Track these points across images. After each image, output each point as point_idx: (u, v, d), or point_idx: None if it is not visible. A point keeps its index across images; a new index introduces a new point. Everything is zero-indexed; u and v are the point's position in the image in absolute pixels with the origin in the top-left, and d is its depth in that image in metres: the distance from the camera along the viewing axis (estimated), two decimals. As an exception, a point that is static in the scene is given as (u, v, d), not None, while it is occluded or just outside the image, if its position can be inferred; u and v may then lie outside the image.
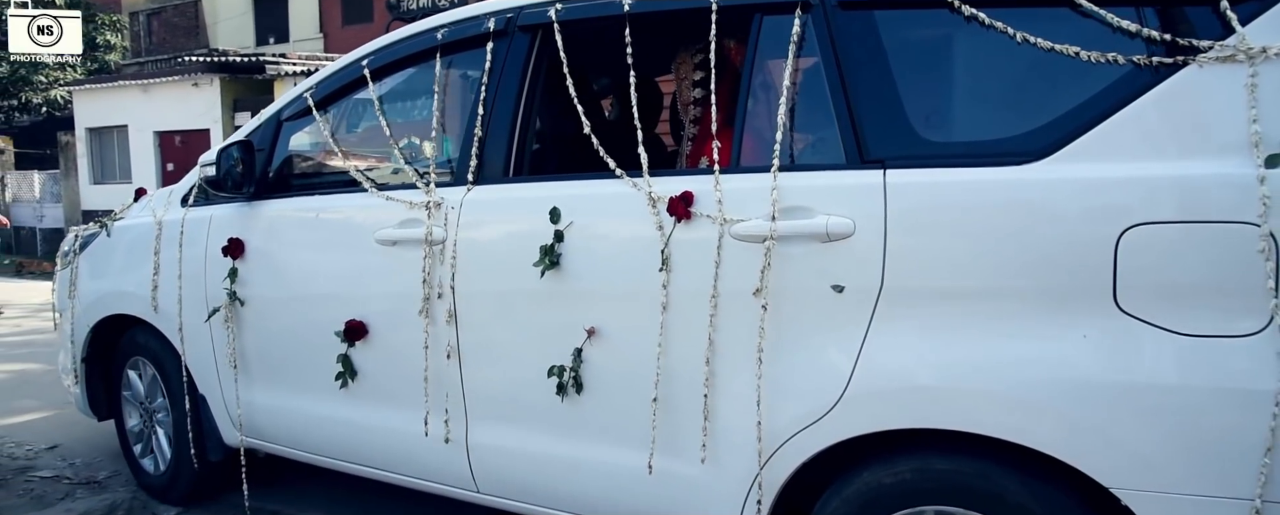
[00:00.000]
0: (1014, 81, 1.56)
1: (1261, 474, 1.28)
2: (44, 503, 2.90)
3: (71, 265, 3.05)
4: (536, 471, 2.02)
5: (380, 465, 2.33)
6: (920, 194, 1.54)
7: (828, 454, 1.64)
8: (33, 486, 3.06)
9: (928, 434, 1.54)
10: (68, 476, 3.16)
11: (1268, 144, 1.29)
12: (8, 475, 3.18)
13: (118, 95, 14.44)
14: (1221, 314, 1.32)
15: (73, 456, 3.38)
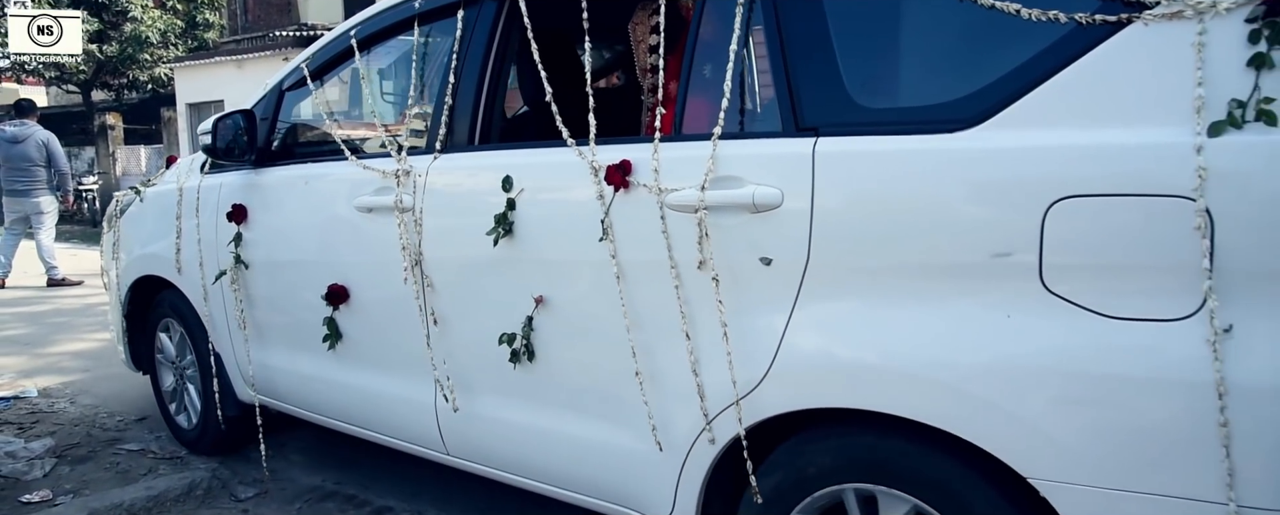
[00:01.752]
0: (953, 44, 1.47)
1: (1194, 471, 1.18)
2: (128, 478, 2.90)
3: (115, 228, 3.28)
4: (496, 437, 2.06)
5: (365, 426, 2.42)
6: (847, 164, 1.47)
7: (763, 429, 1.61)
8: (119, 460, 3.06)
9: (858, 412, 1.48)
10: (154, 451, 3.16)
11: (1213, 110, 1.18)
12: (98, 447, 3.20)
13: (215, 71, 15.26)
14: (1152, 296, 1.21)
15: (160, 430, 3.38)
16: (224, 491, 2.79)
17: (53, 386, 4.01)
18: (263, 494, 2.75)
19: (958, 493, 1.39)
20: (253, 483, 2.83)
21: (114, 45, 16.01)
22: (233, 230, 2.60)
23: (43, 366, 4.41)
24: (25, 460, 2.98)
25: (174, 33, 16.52)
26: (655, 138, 1.69)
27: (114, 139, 15.10)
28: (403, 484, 2.77)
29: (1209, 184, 1.16)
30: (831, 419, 1.55)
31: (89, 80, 16.95)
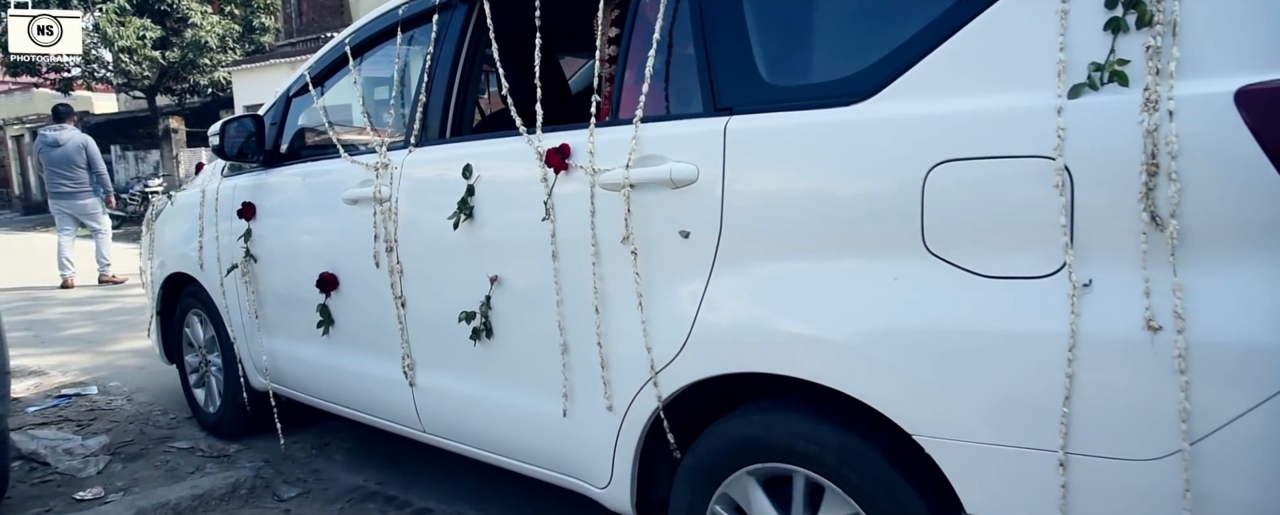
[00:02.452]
0: (852, 22, 1.54)
1: (1062, 424, 1.22)
2: (175, 476, 2.94)
3: (150, 231, 3.54)
4: (462, 413, 2.18)
5: (356, 407, 2.57)
6: (753, 139, 1.55)
7: (692, 399, 1.69)
8: (169, 459, 3.12)
9: (783, 382, 1.54)
10: (202, 448, 3.20)
11: (1076, 74, 1.22)
12: (150, 445, 3.26)
13: (270, 74, 15.79)
14: (1019, 254, 1.26)
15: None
16: (267, 491, 2.80)
17: (112, 384, 4.18)
18: (305, 494, 2.76)
19: (862, 459, 1.43)
20: (296, 482, 2.85)
21: (176, 51, 16.80)
22: (244, 227, 2.81)
23: (104, 364, 4.65)
24: (81, 457, 3.07)
25: (232, 37, 17.24)
26: (591, 122, 1.79)
27: (177, 142, 15.87)
28: (443, 485, 2.75)
29: (1067, 144, 1.20)
30: (758, 393, 1.61)
31: (153, 86, 17.79)
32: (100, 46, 16.69)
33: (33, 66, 15.80)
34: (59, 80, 16.85)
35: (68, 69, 16.74)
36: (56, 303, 6.93)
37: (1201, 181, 1.12)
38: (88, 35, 15.93)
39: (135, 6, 16.48)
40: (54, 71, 16.48)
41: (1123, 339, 1.16)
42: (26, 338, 5.35)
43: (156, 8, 16.73)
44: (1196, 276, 1.13)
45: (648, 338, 1.68)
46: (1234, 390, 1.10)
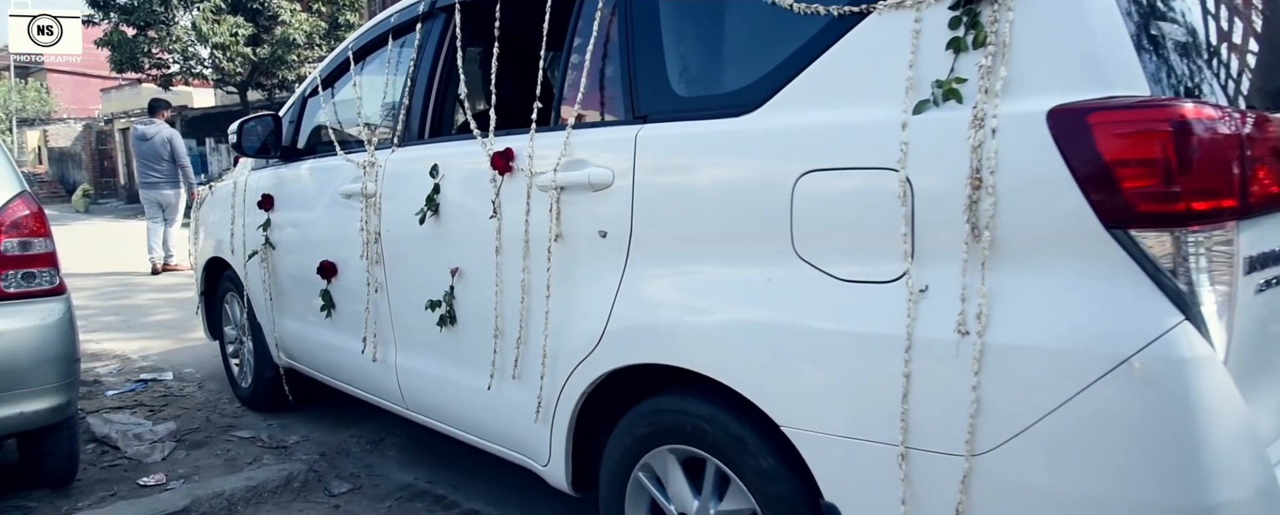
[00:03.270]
0: (750, 36, 1.63)
1: (899, 418, 1.30)
2: (234, 466, 2.97)
3: (196, 219, 3.87)
4: (434, 392, 2.37)
5: (354, 384, 2.80)
6: (657, 146, 1.67)
7: (613, 387, 1.82)
8: (230, 448, 3.16)
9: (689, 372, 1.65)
10: (262, 439, 3.23)
11: (923, 90, 1.30)
12: (214, 433, 3.32)
13: None
14: (869, 260, 1.34)
15: (273, 418, 3.47)
16: (319, 485, 2.81)
17: (186, 370, 4.25)
18: (356, 489, 2.77)
19: (746, 446, 1.54)
20: (348, 477, 2.86)
21: (266, 48, 17.59)
22: (264, 216, 3.07)
23: (182, 350, 4.71)
24: (149, 443, 3.15)
25: (318, 34, 17.92)
26: (531, 128, 1.94)
27: (268, 136, 16.74)
28: (493, 487, 2.71)
29: (909, 157, 1.28)
30: (668, 382, 1.73)
31: (245, 81, 18.69)
32: (197, 44, 17.72)
33: (136, 63, 16.88)
34: (160, 76, 17.95)
35: (168, 66, 17.80)
36: (146, 288, 7.22)
37: (1015, 195, 1.19)
38: (185, 33, 16.93)
39: (230, 5, 17.44)
40: (155, 68, 17.56)
41: (947, 341, 1.24)
42: (115, 322, 5.62)
43: (249, 6, 17.64)
44: (1007, 284, 1.20)
45: (570, 331, 1.81)
46: (1040, 390, 1.17)
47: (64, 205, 21.48)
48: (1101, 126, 1.13)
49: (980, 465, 1.23)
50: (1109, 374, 1.11)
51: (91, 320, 5.60)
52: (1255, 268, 1.18)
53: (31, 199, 2.57)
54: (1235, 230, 1.14)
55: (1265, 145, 1.18)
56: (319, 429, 3.28)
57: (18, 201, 2.51)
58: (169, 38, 16.91)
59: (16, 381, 2.41)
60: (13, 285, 2.45)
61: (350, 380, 2.82)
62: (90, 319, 5.63)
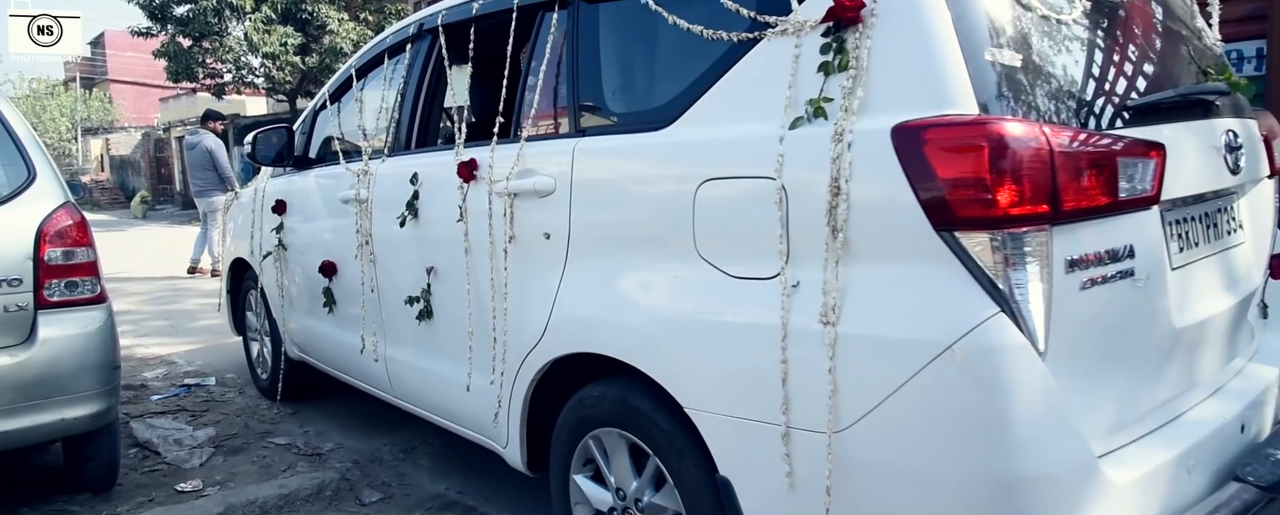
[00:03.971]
0: (670, 60, 1.82)
1: (779, 400, 1.47)
2: (268, 473, 3.01)
3: (225, 222, 4.19)
4: (415, 380, 2.60)
5: (350, 374, 3.05)
6: (590, 157, 1.87)
7: (563, 375, 2.02)
8: (266, 455, 3.21)
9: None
10: (298, 446, 3.28)
11: (800, 107, 1.48)
12: (252, 439, 3.38)
13: None
14: (755, 259, 1.52)
15: (309, 425, 3.53)
16: (351, 494, 2.84)
17: (229, 375, 4.36)
18: (386, 499, 2.80)
19: (660, 425, 1.72)
20: (380, 486, 2.89)
21: (315, 56, 18.20)
22: (277, 220, 3.35)
23: (226, 356, 4.75)
24: (189, 448, 3.25)
25: (365, 42, 18.52)
26: (494, 141, 2.16)
27: (316, 143, 17.37)
28: (523, 499, 2.70)
29: (784, 167, 1.46)
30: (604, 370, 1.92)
31: (294, 89, 19.35)
32: (249, 53, 18.47)
33: (191, 73, 17.67)
34: (213, 86, 18.75)
35: (221, 75, 18.56)
36: (195, 293, 7.36)
37: (866, 201, 1.36)
38: (238, 43, 17.66)
39: (280, 16, 18.16)
40: (209, 78, 18.35)
41: (814, 331, 1.41)
42: (163, 327, 5.78)
43: (298, 16, 18.34)
44: (859, 280, 1.37)
45: (522, 324, 2.02)
46: (883, 375, 1.33)
47: (123, 211, 22.54)
48: (931, 141, 1.29)
49: (840, 442, 1.40)
50: (934, 361, 1.28)
51: (141, 325, 5.86)
52: (1077, 267, 1.33)
53: (74, 209, 2.63)
54: (1049, 234, 1.29)
55: (1085, 159, 1.33)
56: (353, 436, 3.35)
57: (61, 212, 2.56)
58: (222, 48, 17.63)
59: (58, 388, 2.47)
60: (56, 294, 2.51)
61: (349, 371, 3.08)
62: (140, 323, 5.89)
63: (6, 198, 2.51)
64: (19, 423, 2.41)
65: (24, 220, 2.48)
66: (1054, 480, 1.27)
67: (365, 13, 19.04)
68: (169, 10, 17.38)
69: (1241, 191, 1.86)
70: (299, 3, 18.12)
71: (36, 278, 2.46)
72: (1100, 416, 1.40)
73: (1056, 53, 1.46)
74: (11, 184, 2.56)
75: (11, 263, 2.43)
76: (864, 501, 1.39)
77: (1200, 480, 1.53)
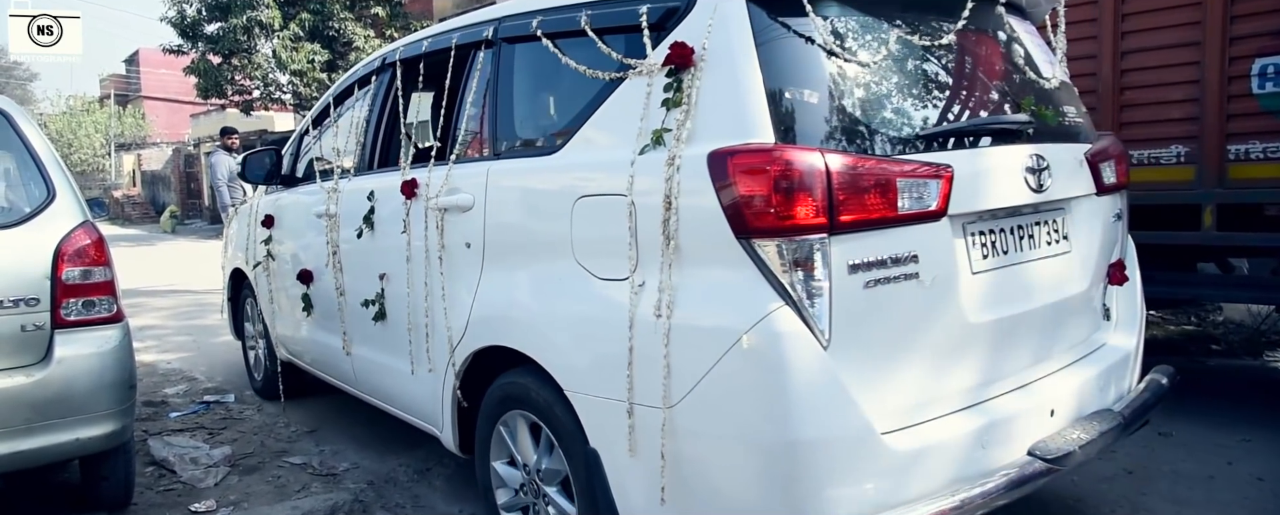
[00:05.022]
0: (565, 93, 2.17)
1: (627, 382, 1.80)
2: (283, 493, 3.06)
3: (226, 235, 4.62)
4: (372, 374, 2.96)
5: (325, 371, 3.43)
6: (500, 177, 2.22)
7: (481, 365, 2.36)
8: (281, 474, 3.26)
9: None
10: (313, 465, 3.32)
11: (648, 136, 1.81)
12: (267, 458, 3.44)
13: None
14: (614, 263, 1.85)
15: (325, 443, 3.60)
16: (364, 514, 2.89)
17: (247, 392, 4.49)
18: None
19: (552, 406, 2.06)
20: (393, 507, 2.92)
21: (341, 73, 18.91)
22: (266, 233, 3.76)
23: (245, 372, 4.72)
24: (204, 467, 3.31)
25: None
26: (431, 162, 2.52)
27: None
28: None
29: (634, 186, 1.79)
30: (514, 362, 2.26)
31: None
32: (277, 70, 19.23)
33: (220, 90, 18.45)
34: (242, 102, 19.54)
35: (249, 92, 19.33)
36: (218, 309, 7.54)
37: (690, 214, 1.68)
38: (266, 60, 18.41)
39: (307, 33, 18.92)
40: (238, 94, 19.13)
41: (652, 323, 1.74)
42: (186, 343, 5.96)
43: (325, 34, 19.09)
44: (685, 279, 1.69)
45: (448, 322, 2.37)
46: (700, 357, 1.65)
47: (153, 225, 23.44)
48: (732, 165, 1.62)
49: (672, 416, 1.72)
50: (733, 346, 1.60)
51: (164, 340, 6.09)
52: (859, 270, 1.64)
53: (93, 228, 2.65)
54: (827, 242, 1.60)
55: (863, 179, 1.64)
56: (369, 456, 3.41)
57: (80, 231, 2.58)
58: (251, 65, 18.36)
59: (74, 408, 2.49)
60: (73, 313, 2.52)
61: (325, 369, 3.45)
62: (164, 339, 6.12)
63: (26, 217, 2.56)
64: (35, 442, 2.44)
65: (42, 240, 2.51)
66: (828, 444, 1.58)
67: (391, 30, 19.73)
68: (200, 28, 18.11)
69: (1067, 207, 2.15)
70: (326, 20, 18.76)
71: (54, 297, 2.49)
72: (891, 395, 1.70)
73: (857, 91, 1.77)
74: (31, 203, 2.60)
75: (30, 282, 2.46)
76: (686, 465, 1.71)
77: (997, 454, 1.82)
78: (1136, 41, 3.35)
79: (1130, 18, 3.35)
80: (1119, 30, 3.38)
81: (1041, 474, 1.82)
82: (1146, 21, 3.32)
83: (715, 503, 1.70)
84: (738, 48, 1.70)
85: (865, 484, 1.63)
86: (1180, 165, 3.29)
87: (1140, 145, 3.35)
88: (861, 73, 1.79)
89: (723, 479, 1.69)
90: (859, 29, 1.85)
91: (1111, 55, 3.40)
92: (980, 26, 2.09)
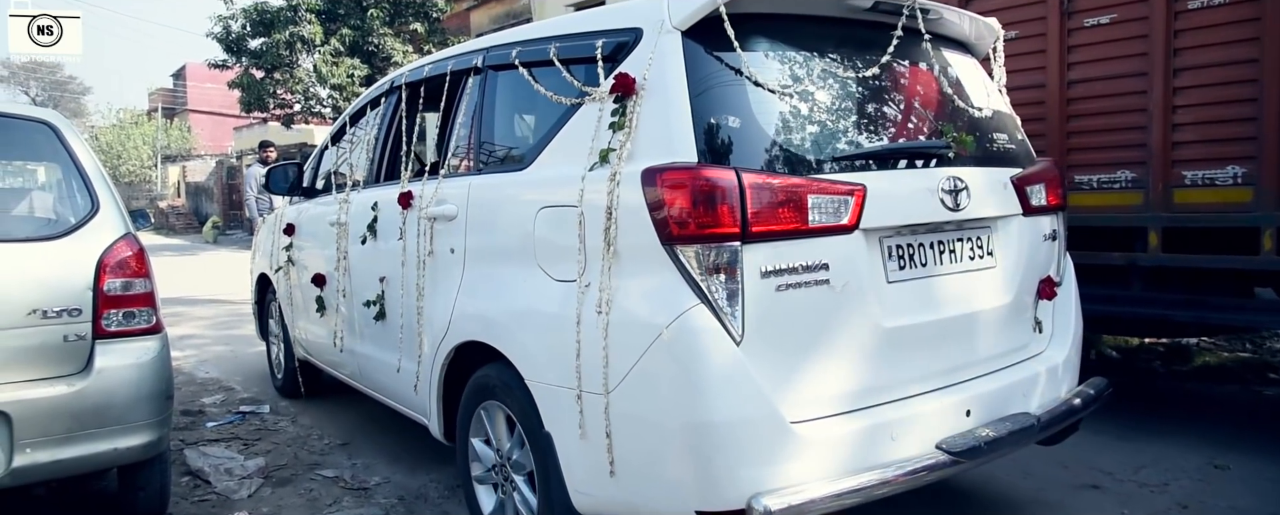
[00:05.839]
0: (539, 116, 2.48)
1: (575, 371, 2.09)
2: (315, 507, 3.11)
3: (255, 243, 5.04)
4: (374, 370, 3.29)
5: (337, 369, 3.77)
6: (480, 191, 2.54)
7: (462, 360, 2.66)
8: (313, 487, 3.33)
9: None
10: (345, 479, 3.40)
11: (597, 155, 2.11)
12: (300, 470, 3.52)
13: None
14: (567, 266, 2.15)
15: (357, 456, 3.69)
16: None
17: (282, 403, 4.63)
18: None
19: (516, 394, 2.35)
20: None
21: None
22: (288, 240, 4.14)
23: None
24: (238, 478, 3.40)
25: None
26: (424, 178, 2.86)
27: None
28: None
29: (584, 199, 2.09)
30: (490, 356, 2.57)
31: None
32: (317, 84, 20.01)
33: (263, 103, 19.26)
34: (283, 116, 20.35)
35: (291, 106, 20.11)
36: None
37: (627, 224, 1.98)
38: (307, 75, 19.18)
39: (347, 48, 19.70)
40: (280, 108, 19.93)
41: (595, 319, 2.03)
42: (224, 353, 6.19)
43: (365, 49, 19.86)
44: (623, 280, 1.98)
45: (436, 319, 2.69)
46: (632, 349, 1.94)
47: (196, 235, 24.38)
48: (660, 182, 1.90)
49: (611, 400, 2.00)
50: (656, 339, 1.88)
51: (203, 350, 6.35)
52: (772, 275, 1.91)
53: (134, 240, 2.72)
54: (741, 250, 1.87)
55: (774, 195, 1.91)
56: (400, 470, 3.49)
57: (122, 243, 2.64)
58: (292, 79, 19.13)
59: (113, 418, 2.54)
60: (113, 324, 2.57)
61: (335, 365, 3.80)
62: (202, 348, 6.39)
63: (71, 228, 2.63)
64: (75, 451, 2.50)
65: (86, 251, 2.59)
66: (737, 427, 1.85)
67: (429, 44, 20.44)
68: (244, 44, 18.93)
69: (993, 225, 2.39)
70: (366, 36, 19.44)
71: (95, 308, 2.55)
72: (804, 387, 1.96)
73: (780, 118, 2.05)
74: (76, 215, 2.68)
75: (73, 293, 2.52)
76: (623, 441, 1.98)
77: (906, 445, 2.06)
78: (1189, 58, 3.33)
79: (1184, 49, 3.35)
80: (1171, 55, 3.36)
81: (945, 465, 2.06)
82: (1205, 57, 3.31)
83: (647, 478, 1.98)
84: (671, 78, 2.00)
85: (773, 465, 1.89)
86: (1237, 187, 3.24)
87: (1195, 166, 3.33)
88: (785, 102, 2.07)
89: (651, 457, 1.96)
90: (786, 63, 2.13)
91: (1163, 78, 3.38)
92: (907, 60, 2.35)
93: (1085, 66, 3.61)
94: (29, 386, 2.45)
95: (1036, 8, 3.72)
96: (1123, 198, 3.52)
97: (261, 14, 18.42)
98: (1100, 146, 3.60)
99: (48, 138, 2.79)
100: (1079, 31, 3.60)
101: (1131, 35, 3.45)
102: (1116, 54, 3.51)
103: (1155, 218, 3.42)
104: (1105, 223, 3.59)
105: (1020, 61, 3.58)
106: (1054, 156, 3.45)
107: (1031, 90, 3.68)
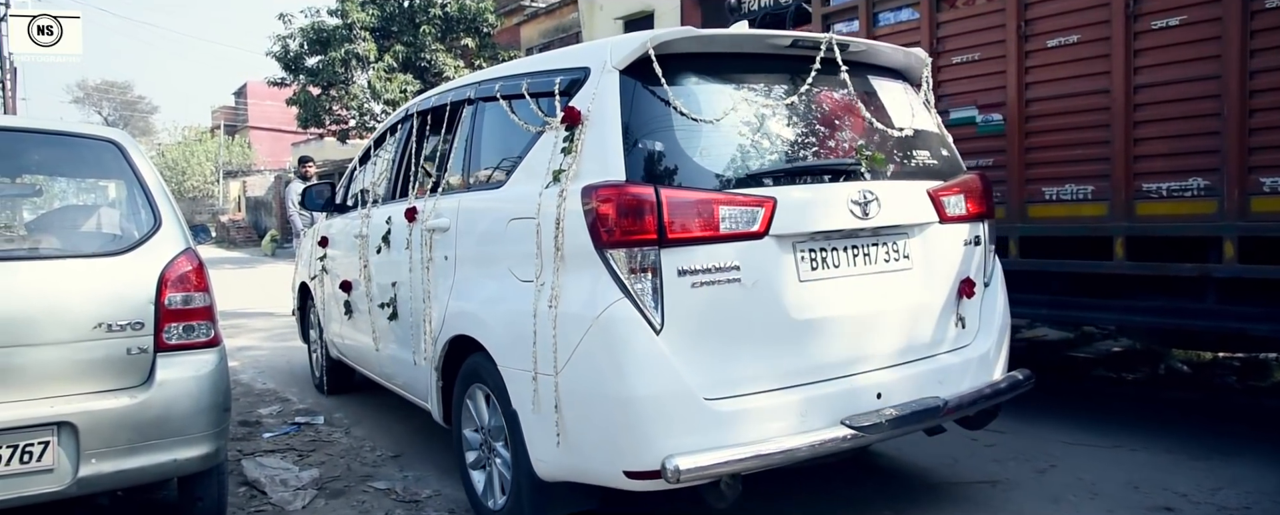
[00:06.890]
0: (514, 143, 2.98)
1: (532, 356, 2.57)
2: None
3: (296, 255, 5.68)
4: (391, 364, 3.84)
5: (363, 366, 4.34)
6: (467, 205, 3.06)
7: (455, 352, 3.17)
8: (365, 500, 3.46)
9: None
10: (396, 491, 3.52)
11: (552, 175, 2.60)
12: (353, 482, 3.67)
13: None
14: (529, 269, 2.64)
15: (408, 469, 3.83)
16: None
17: (337, 415, 4.83)
18: None
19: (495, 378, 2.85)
20: None
21: None
22: (322, 251, 4.75)
23: (337, 395, 5.25)
24: (293, 489, 3.53)
25: None
26: (427, 194, 3.39)
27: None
28: None
29: (540, 211, 2.59)
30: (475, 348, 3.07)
31: None
32: (371, 100, 21.04)
33: (319, 119, 20.34)
34: (338, 131, 21.43)
35: (346, 121, 21.14)
36: None
37: (571, 232, 2.46)
38: (362, 91, 20.20)
39: (401, 65, 20.69)
40: (335, 124, 21.00)
41: (547, 313, 2.51)
42: (281, 364, 6.55)
43: (417, 64, 20.82)
44: (568, 279, 2.46)
45: (434, 317, 3.21)
46: (573, 336, 2.41)
47: (255, 248, 25.75)
48: (594, 197, 2.38)
49: (559, 380, 2.48)
50: (590, 328, 2.35)
51: (261, 361, 6.72)
52: (687, 274, 2.36)
53: (194, 255, 2.84)
54: (659, 253, 2.33)
55: (687, 207, 2.36)
56: (450, 483, 3.57)
57: (182, 257, 2.77)
58: (348, 96, 20.14)
59: (173, 430, 2.66)
60: (174, 337, 2.70)
61: (360, 362, 4.38)
62: (260, 360, 6.77)
63: (135, 244, 2.77)
64: (136, 462, 2.62)
65: (148, 266, 2.71)
66: (655, 401, 2.30)
67: (480, 59, 21.28)
68: (302, 62, 20.00)
69: (909, 232, 2.79)
70: (418, 52, 20.31)
71: (157, 321, 2.67)
72: (718, 369, 2.40)
73: (702, 141, 2.51)
74: (140, 230, 2.82)
75: (136, 307, 2.65)
76: (568, 414, 2.46)
77: (815, 421, 2.48)
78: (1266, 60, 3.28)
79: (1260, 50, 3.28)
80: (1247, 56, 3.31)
81: (848, 439, 2.47)
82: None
83: (586, 444, 2.45)
84: (608, 110, 2.48)
85: (689, 435, 2.34)
86: None
87: (1275, 173, 3.26)
88: (707, 127, 2.53)
89: (589, 427, 2.43)
90: (711, 94, 2.59)
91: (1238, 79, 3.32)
92: (828, 88, 2.79)
93: (1153, 70, 3.55)
94: (94, 398, 2.59)
95: (1100, 10, 3.66)
96: (1194, 206, 3.46)
97: (318, 33, 19.48)
98: (1169, 153, 3.52)
99: (114, 156, 2.96)
100: (1145, 34, 3.55)
101: (1204, 37, 3.38)
102: (1187, 56, 3.44)
103: (1230, 227, 3.34)
104: (1175, 232, 3.54)
105: (1082, 67, 3.68)
106: (1119, 165, 3.58)
107: (1095, 96, 3.67)
